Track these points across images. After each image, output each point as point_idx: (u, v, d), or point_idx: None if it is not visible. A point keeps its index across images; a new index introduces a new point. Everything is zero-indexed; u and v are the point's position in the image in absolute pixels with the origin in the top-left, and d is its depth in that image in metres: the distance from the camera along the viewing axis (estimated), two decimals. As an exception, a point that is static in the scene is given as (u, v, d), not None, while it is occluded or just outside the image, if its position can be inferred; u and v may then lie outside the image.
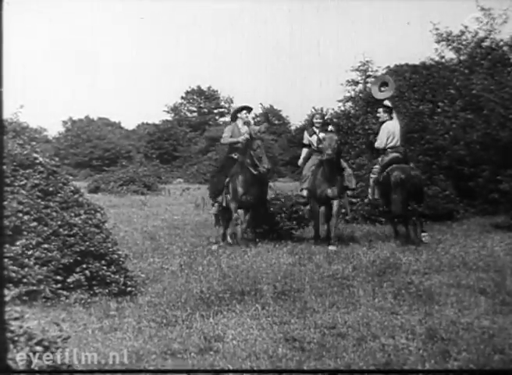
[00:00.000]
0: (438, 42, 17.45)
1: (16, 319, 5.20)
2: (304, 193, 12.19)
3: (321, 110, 18.17)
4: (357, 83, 18.41)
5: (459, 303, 7.43)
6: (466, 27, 17.34)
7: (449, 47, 17.48)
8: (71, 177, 8.47)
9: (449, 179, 15.59)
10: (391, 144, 12.37)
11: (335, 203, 11.84)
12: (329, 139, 11.83)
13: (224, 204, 12.07)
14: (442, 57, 17.42)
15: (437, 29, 17.30)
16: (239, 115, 12.38)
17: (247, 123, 12.26)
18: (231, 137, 12.25)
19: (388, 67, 17.99)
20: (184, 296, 7.81)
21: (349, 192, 12.61)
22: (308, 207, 12.41)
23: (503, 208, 14.32)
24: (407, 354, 5.79)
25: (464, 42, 17.45)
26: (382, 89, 12.82)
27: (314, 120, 12.71)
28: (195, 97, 50.16)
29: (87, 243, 7.67)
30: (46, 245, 7.42)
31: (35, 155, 7.95)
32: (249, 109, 12.46)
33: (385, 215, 13.47)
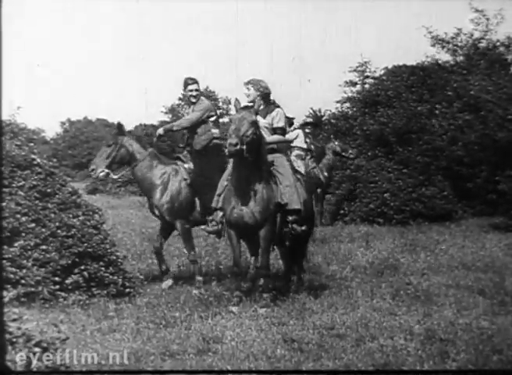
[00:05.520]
0: (433, 45, 17.49)
1: (14, 320, 5.19)
2: (219, 215, 7.78)
3: (320, 110, 18.18)
4: (355, 84, 18.40)
5: (457, 304, 7.43)
6: (460, 30, 17.39)
7: (445, 49, 17.50)
8: (69, 178, 8.46)
9: (447, 180, 15.61)
10: None
11: (261, 232, 7.53)
12: (239, 120, 7.31)
13: None
14: (437, 60, 17.46)
15: (430, 32, 17.35)
16: None
17: None
18: None
19: (386, 68, 17.99)
20: (183, 297, 7.81)
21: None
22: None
23: (502, 208, 14.34)
24: (405, 354, 5.79)
25: (459, 43, 17.48)
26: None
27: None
28: (193, 98, 50.16)
29: (85, 244, 7.66)
30: (44, 246, 7.41)
31: (33, 156, 7.94)
32: None
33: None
